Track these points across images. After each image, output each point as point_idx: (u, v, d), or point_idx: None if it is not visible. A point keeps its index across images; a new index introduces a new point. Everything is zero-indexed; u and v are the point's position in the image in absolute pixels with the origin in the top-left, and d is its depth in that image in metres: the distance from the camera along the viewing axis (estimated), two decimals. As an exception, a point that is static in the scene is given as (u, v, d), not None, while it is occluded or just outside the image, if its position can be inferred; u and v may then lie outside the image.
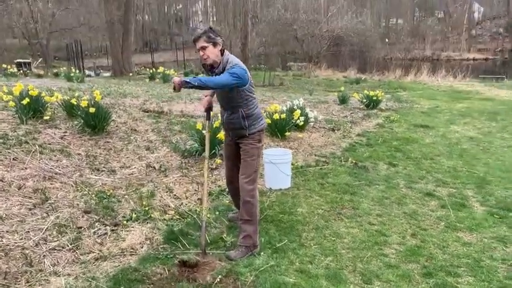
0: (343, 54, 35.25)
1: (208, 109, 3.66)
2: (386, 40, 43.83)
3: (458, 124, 8.97)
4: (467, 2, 47.60)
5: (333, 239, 3.67)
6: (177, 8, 60.03)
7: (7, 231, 3.39)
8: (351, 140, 7.23)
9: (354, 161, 5.82)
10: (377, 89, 13.24)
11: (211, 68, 3.34)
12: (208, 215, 3.99)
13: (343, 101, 11.26)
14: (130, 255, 3.27)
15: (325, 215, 4.15)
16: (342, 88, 12.81)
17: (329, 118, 8.93)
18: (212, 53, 3.25)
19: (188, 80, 3.04)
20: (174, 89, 3.09)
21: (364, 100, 10.60)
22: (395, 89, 16.94)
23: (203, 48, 3.24)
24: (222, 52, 3.30)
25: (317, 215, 4.13)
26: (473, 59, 40.37)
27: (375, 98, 10.51)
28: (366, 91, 11.03)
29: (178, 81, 3.06)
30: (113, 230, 3.62)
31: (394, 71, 26.33)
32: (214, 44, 3.23)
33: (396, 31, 47.13)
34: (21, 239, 3.33)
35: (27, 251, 3.16)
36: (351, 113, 9.85)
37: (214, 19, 58.28)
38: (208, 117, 3.67)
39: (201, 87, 3.12)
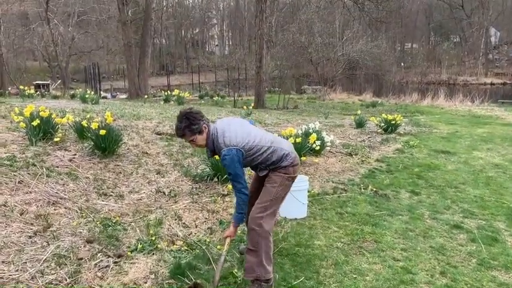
0: (359, 78, 35.08)
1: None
2: (402, 64, 43.59)
3: (481, 150, 8.59)
4: (484, 27, 47.27)
5: (354, 276, 3.35)
6: (194, 32, 60.97)
7: (3, 262, 3.17)
8: (369, 165, 6.92)
9: (374, 189, 5.51)
10: (394, 112, 12.92)
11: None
12: (218, 247, 3.72)
13: (360, 124, 10.97)
14: (133, 291, 3.01)
15: (344, 248, 3.84)
16: (359, 111, 12.54)
17: (346, 142, 8.65)
18: (202, 140, 3.13)
19: (238, 220, 3.17)
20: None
21: (382, 124, 10.30)
22: (412, 113, 16.60)
23: (192, 141, 3.13)
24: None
25: (336, 249, 3.82)
26: (491, 84, 39.76)
27: (393, 122, 10.21)
28: (383, 115, 10.73)
29: (232, 231, 3.23)
30: (115, 262, 3.37)
31: (410, 94, 26.01)
32: (200, 132, 3.08)
33: (412, 55, 46.88)
34: (17, 270, 3.10)
35: (21, 285, 2.93)
36: (369, 137, 9.55)
37: (230, 43, 59.01)
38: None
39: (243, 212, 3.14)
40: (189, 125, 3.03)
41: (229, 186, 5.22)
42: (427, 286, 3.23)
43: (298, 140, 6.36)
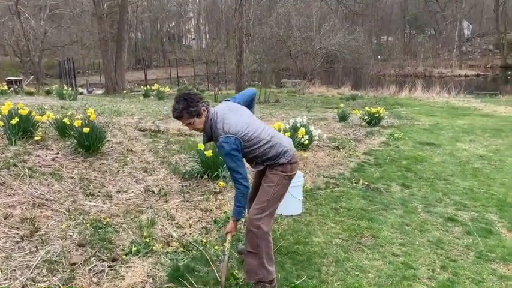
0: (337, 71, 35.31)
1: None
2: (379, 57, 44.07)
3: (464, 142, 8.71)
4: (457, 19, 48.15)
5: (356, 273, 3.31)
6: (170, 25, 60.10)
7: (-10, 270, 2.99)
8: (357, 159, 6.91)
9: (365, 183, 5.49)
10: (374, 105, 13.00)
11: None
12: (216, 247, 3.62)
13: (343, 118, 10.99)
14: (132, 297, 2.88)
15: (343, 245, 3.79)
16: (342, 105, 12.58)
17: (332, 136, 8.63)
18: (200, 124, 2.95)
19: (237, 214, 3.03)
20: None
21: (366, 117, 10.33)
22: (392, 106, 16.75)
23: (189, 124, 2.95)
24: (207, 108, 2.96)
25: (335, 245, 3.77)
26: (465, 75, 40.61)
27: (376, 114, 10.25)
28: (367, 108, 10.77)
29: (233, 226, 3.10)
30: (110, 267, 3.22)
31: (388, 87, 26.31)
32: (199, 115, 2.90)
33: (388, 48, 47.43)
34: (6, 279, 2.92)
35: (12, 295, 2.76)
36: (353, 131, 9.56)
37: (207, 37, 58.41)
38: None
39: (243, 205, 3.01)
40: (187, 106, 2.85)
41: (221, 183, 5.11)
42: (430, 281, 3.22)
43: (288, 134, 6.28)
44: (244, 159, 3.06)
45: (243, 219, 3.54)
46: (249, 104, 3.34)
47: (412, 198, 5.04)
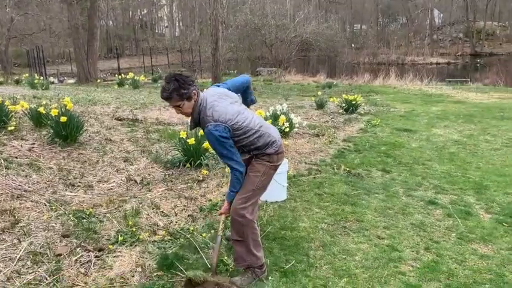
0: (312, 59, 35.49)
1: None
2: (353, 45, 44.48)
3: (439, 127, 8.91)
4: (428, 8, 48.99)
5: (344, 257, 3.36)
6: (142, 13, 58.87)
7: (-28, 264, 2.89)
8: (337, 146, 6.98)
9: (346, 169, 5.56)
10: (349, 93, 13.12)
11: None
12: (203, 234, 3.60)
13: (320, 105, 11.06)
14: (121, 286, 2.84)
15: (329, 229, 3.84)
16: (319, 93, 12.64)
17: (311, 123, 8.68)
18: (189, 108, 2.82)
19: (231, 198, 2.98)
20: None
21: (343, 105, 10.43)
22: (367, 93, 16.93)
23: (177, 107, 2.82)
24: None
25: (321, 230, 3.81)
26: (437, 63, 41.48)
27: (353, 102, 10.36)
28: (344, 95, 10.86)
29: (227, 208, 3.03)
30: (97, 257, 3.17)
31: (362, 75, 26.58)
32: (189, 98, 2.79)
33: (361, 36, 47.94)
34: (-10, 272, 2.84)
35: (-3, 288, 2.68)
36: (331, 118, 9.65)
37: (180, 24, 57.58)
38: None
39: (236, 191, 2.97)
40: (178, 88, 2.72)
41: (204, 171, 5.08)
42: (415, 262, 3.29)
43: (269, 122, 6.27)
44: None
45: None
46: (243, 91, 3.30)
47: (393, 183, 5.14)
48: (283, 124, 6.76)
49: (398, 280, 3.03)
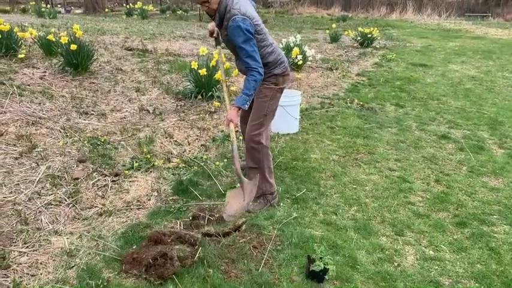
0: (326, -9, 33.88)
1: (213, 33, 3.07)
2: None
3: (456, 63, 8.68)
4: None
5: (354, 187, 3.41)
6: None
7: (-7, 185, 2.99)
8: (351, 80, 6.86)
9: (360, 103, 5.50)
10: (365, 26, 12.69)
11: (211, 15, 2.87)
12: (217, 163, 3.66)
13: (334, 39, 10.76)
14: (138, 209, 2.94)
15: (340, 161, 3.87)
16: (334, 26, 12.24)
17: (324, 57, 8.49)
18: (215, 3, 2.75)
19: (241, 102, 2.81)
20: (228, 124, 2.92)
21: (359, 38, 10.12)
22: (383, 27, 16.40)
23: (205, 2, 2.74)
24: None
25: (332, 161, 3.84)
26: (457, -3, 39.47)
27: (369, 35, 10.04)
28: (360, 28, 10.51)
29: (234, 114, 2.84)
30: (113, 181, 3.25)
31: (378, 8, 25.62)
32: None
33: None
34: (11, 192, 2.93)
35: (19, 207, 2.79)
36: (345, 52, 9.42)
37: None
38: (217, 43, 3.11)
39: (251, 95, 2.83)
40: None
41: (216, 103, 5.06)
42: (425, 193, 3.34)
43: (282, 53, 6.14)
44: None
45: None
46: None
47: (406, 117, 5.10)
48: (296, 57, 6.62)
49: (407, 209, 3.09)
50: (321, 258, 2.28)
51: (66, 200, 2.92)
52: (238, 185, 2.97)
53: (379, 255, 2.52)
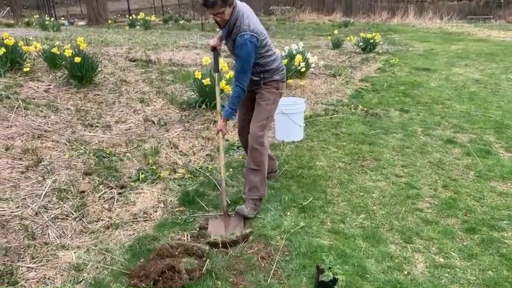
0: (327, -3, 34.00)
1: (215, 48, 3.19)
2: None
3: (459, 66, 8.66)
4: None
5: (361, 194, 3.39)
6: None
7: (0, 199, 2.99)
8: (355, 86, 6.85)
9: (364, 109, 5.49)
10: (367, 32, 12.70)
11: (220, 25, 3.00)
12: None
13: (336, 45, 10.77)
14: (145, 221, 2.93)
15: (347, 168, 3.85)
16: (335, 32, 12.26)
17: (327, 63, 8.49)
18: (228, 14, 2.87)
19: (228, 115, 3.01)
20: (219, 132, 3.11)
21: (361, 43, 10.13)
22: (385, 32, 16.39)
23: (220, 13, 2.83)
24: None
25: (338, 169, 3.83)
26: (458, 0, 39.52)
27: (372, 40, 10.05)
28: (362, 34, 10.52)
29: (223, 125, 3.04)
30: (120, 193, 3.25)
31: (380, 13, 25.66)
32: (230, 5, 2.84)
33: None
34: (18, 207, 2.94)
35: (26, 222, 2.79)
36: (348, 58, 9.41)
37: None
38: (215, 60, 3.21)
39: (235, 109, 3.03)
40: None
41: (220, 111, 5.06)
42: (432, 199, 3.31)
43: (285, 62, 6.15)
44: None
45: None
46: None
47: (411, 122, 5.08)
48: (299, 64, 6.62)
49: (415, 216, 3.07)
50: (330, 268, 2.26)
51: (73, 214, 2.92)
52: (219, 216, 2.99)
53: (388, 264, 2.50)
